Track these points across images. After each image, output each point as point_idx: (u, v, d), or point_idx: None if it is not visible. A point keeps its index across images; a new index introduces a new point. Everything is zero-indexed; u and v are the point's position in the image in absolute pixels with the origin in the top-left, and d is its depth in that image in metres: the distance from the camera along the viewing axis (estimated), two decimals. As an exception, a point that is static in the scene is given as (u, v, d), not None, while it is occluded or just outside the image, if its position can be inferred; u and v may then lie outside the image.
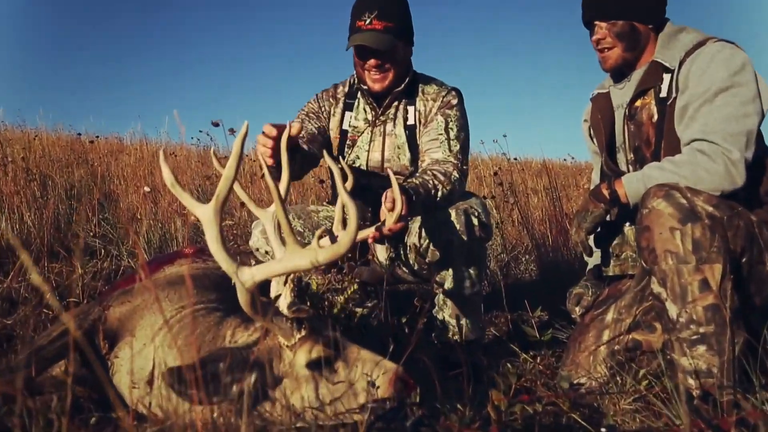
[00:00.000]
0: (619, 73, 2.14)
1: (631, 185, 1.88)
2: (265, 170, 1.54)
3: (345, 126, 2.58)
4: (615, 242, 2.06)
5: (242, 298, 1.39)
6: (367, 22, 2.35)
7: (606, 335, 1.97)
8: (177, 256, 2.06)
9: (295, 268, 1.40)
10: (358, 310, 2.15)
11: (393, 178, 1.83)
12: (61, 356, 1.63)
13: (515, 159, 5.74)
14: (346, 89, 2.63)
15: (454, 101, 2.50)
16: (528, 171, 7.24)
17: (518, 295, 3.22)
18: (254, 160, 5.93)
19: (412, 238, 2.39)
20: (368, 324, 2.23)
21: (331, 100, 2.62)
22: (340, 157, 2.55)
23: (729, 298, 1.60)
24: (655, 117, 1.98)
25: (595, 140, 2.30)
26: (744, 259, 1.70)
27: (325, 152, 1.84)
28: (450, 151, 2.41)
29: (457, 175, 2.35)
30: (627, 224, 2.05)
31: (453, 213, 2.31)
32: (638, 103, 2.05)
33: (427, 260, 2.36)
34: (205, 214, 1.38)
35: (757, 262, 1.72)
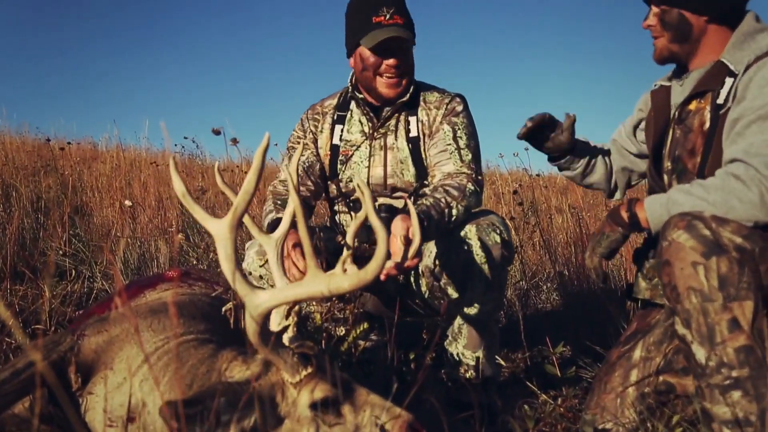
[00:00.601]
0: (676, 69, 2.14)
1: (654, 211, 1.87)
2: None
3: (335, 140, 2.62)
4: (648, 264, 2.05)
5: (250, 326, 1.40)
6: (388, 16, 2.40)
7: (634, 375, 1.99)
8: (159, 280, 2.10)
9: (314, 295, 1.40)
10: (362, 343, 2.18)
11: (412, 208, 1.85)
12: (26, 392, 1.63)
13: (537, 174, 5.76)
14: (335, 101, 2.68)
15: (459, 108, 2.55)
16: (552, 188, 7.27)
17: (538, 327, 3.25)
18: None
19: (425, 260, 2.40)
20: (373, 359, 2.26)
21: (316, 117, 2.68)
22: (360, 181, 2.58)
23: (765, 338, 1.61)
24: (707, 125, 1.95)
25: (645, 135, 2.30)
26: None
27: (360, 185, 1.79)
28: (462, 161, 2.46)
29: (472, 188, 2.39)
30: None
31: (473, 230, 2.34)
32: (692, 106, 2.02)
33: (442, 283, 2.39)
34: (220, 229, 1.40)
35: None
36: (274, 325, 1.65)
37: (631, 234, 1.98)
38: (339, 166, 2.62)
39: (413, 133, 2.55)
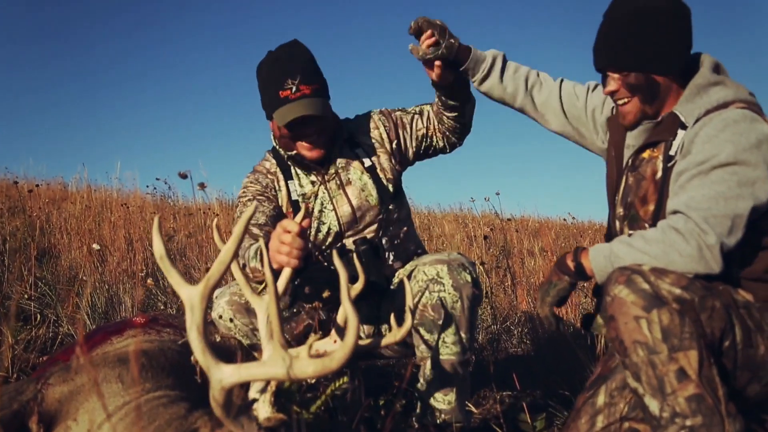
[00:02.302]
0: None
1: (598, 262, 1.90)
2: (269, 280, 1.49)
3: (294, 197, 2.62)
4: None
5: (214, 397, 1.39)
6: (294, 89, 2.40)
7: (600, 421, 2.00)
8: (126, 326, 2.08)
9: (275, 377, 1.39)
10: (330, 390, 2.18)
11: (408, 285, 1.91)
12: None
13: (509, 219, 5.84)
14: (274, 162, 2.66)
15: (385, 111, 2.69)
16: (524, 230, 7.37)
17: (509, 371, 3.26)
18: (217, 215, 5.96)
19: (397, 299, 2.41)
20: (341, 405, 2.25)
21: (268, 176, 2.65)
22: (337, 261, 2.56)
23: (717, 386, 1.63)
24: (659, 174, 1.98)
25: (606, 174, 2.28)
26: (726, 343, 1.73)
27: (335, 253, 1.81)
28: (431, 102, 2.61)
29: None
30: None
31: (444, 269, 2.36)
32: (645, 154, 2.05)
33: (414, 323, 2.38)
34: (191, 297, 1.39)
35: (747, 346, 1.75)
36: (254, 391, 1.61)
37: (578, 282, 2.01)
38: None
39: (367, 164, 2.60)
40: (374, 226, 2.61)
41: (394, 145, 2.64)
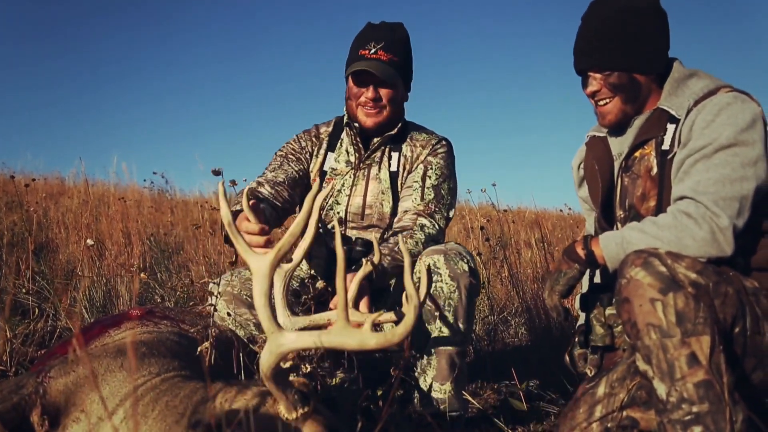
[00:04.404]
0: (618, 129, 2.17)
1: (609, 248, 1.91)
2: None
3: (325, 167, 2.70)
4: (609, 312, 2.07)
5: (267, 361, 1.45)
6: (372, 51, 2.54)
7: (598, 411, 2.01)
8: (123, 319, 2.08)
9: (341, 346, 1.45)
10: (329, 380, 2.18)
11: (408, 277, 1.92)
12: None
13: (505, 210, 5.83)
14: (330, 129, 2.76)
15: (442, 150, 2.66)
16: (521, 222, 7.36)
17: (506, 362, 3.26)
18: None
19: (396, 291, 2.45)
20: (339, 396, 2.25)
21: (314, 139, 2.75)
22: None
23: (723, 373, 1.63)
24: (654, 170, 2.01)
25: (588, 191, 2.33)
26: (737, 329, 1.74)
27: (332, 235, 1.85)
28: (422, 199, 2.56)
29: (425, 221, 2.49)
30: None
31: (441, 259, 2.38)
32: (636, 153, 2.07)
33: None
34: (260, 265, 1.47)
35: (755, 333, 1.76)
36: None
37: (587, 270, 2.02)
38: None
39: (393, 168, 2.64)
40: (376, 231, 2.62)
41: (406, 167, 2.66)
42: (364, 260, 2.12)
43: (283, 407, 1.53)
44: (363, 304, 2.16)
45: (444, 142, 2.70)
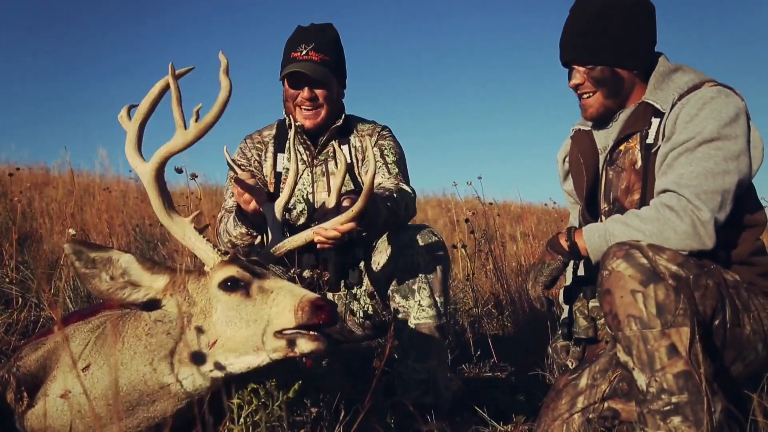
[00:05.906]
0: (601, 122, 2.18)
1: (592, 240, 1.92)
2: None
3: (279, 168, 2.72)
4: (592, 304, 2.07)
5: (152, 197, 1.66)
6: (303, 53, 2.58)
7: (580, 402, 2.02)
8: (101, 308, 2.06)
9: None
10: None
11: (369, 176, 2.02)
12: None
13: (491, 203, 5.84)
14: (274, 131, 2.79)
15: (387, 134, 2.76)
16: (506, 215, 7.38)
17: (489, 354, 3.28)
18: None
19: (374, 263, 2.50)
20: (322, 386, 2.25)
21: (258, 146, 2.77)
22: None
23: (701, 364, 1.65)
24: (639, 163, 2.02)
25: (573, 184, 2.34)
26: (717, 322, 1.75)
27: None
28: (389, 173, 2.63)
29: (404, 187, 2.54)
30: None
31: (414, 234, 2.45)
32: (621, 147, 2.08)
33: (391, 289, 2.45)
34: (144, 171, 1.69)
35: (734, 325, 1.78)
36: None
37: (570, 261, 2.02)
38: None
39: (349, 160, 2.68)
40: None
41: (358, 157, 2.72)
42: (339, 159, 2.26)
43: (202, 257, 1.69)
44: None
45: (387, 128, 2.78)
